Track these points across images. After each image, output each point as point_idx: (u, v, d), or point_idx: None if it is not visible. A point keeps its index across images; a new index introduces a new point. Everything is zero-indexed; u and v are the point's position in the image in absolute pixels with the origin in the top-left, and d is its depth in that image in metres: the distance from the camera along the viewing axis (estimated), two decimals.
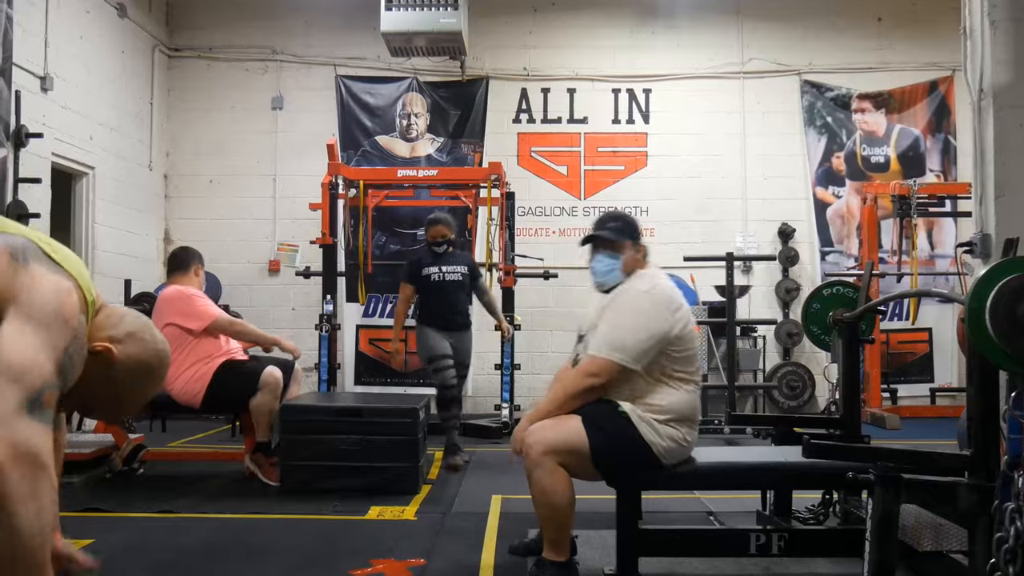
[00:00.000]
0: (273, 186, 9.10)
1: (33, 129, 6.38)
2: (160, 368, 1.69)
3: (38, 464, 1.31)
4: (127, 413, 1.76)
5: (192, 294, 5.13)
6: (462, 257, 6.15)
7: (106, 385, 1.63)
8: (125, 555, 3.67)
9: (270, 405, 4.94)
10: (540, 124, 9.26)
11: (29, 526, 1.28)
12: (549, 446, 3.01)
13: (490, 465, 5.87)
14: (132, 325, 1.65)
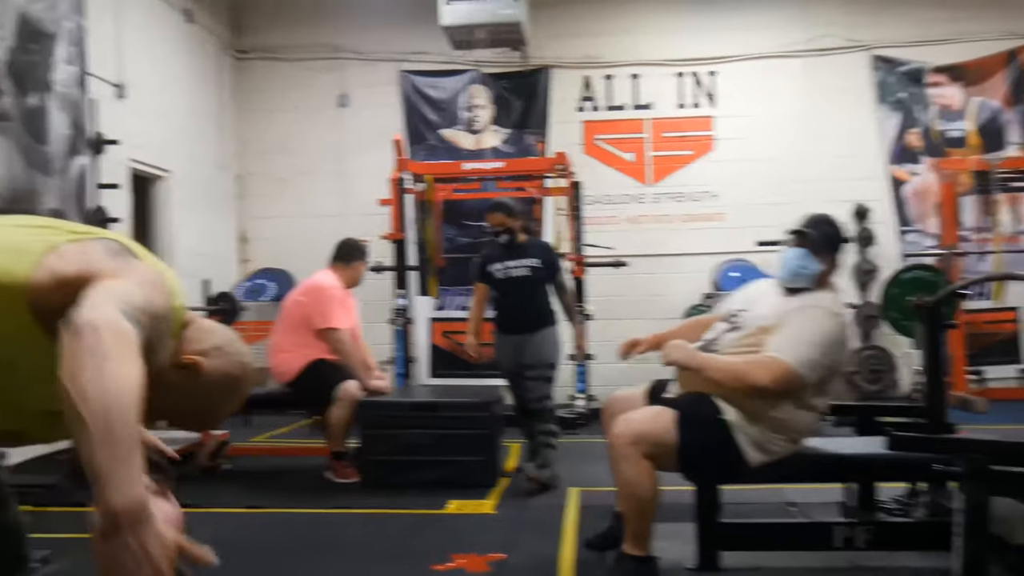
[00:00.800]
0: (342, 183, 9.21)
1: (110, 136, 6.56)
2: (245, 379, 1.72)
3: (129, 339, 1.26)
4: (214, 423, 1.80)
5: (333, 296, 5.34)
6: (534, 248, 5.21)
7: (193, 397, 1.66)
8: (215, 550, 3.77)
9: (344, 419, 5.05)
10: (604, 111, 9.19)
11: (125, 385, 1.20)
12: (636, 437, 2.98)
13: (567, 457, 5.85)
14: (219, 339, 1.69)
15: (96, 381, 1.18)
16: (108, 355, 1.21)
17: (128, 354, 1.24)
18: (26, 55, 5.36)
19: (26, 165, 5.36)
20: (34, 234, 1.53)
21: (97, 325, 1.23)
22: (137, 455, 1.18)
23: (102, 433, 1.16)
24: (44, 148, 5.57)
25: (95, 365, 1.19)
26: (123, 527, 1.14)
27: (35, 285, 1.43)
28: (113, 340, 1.23)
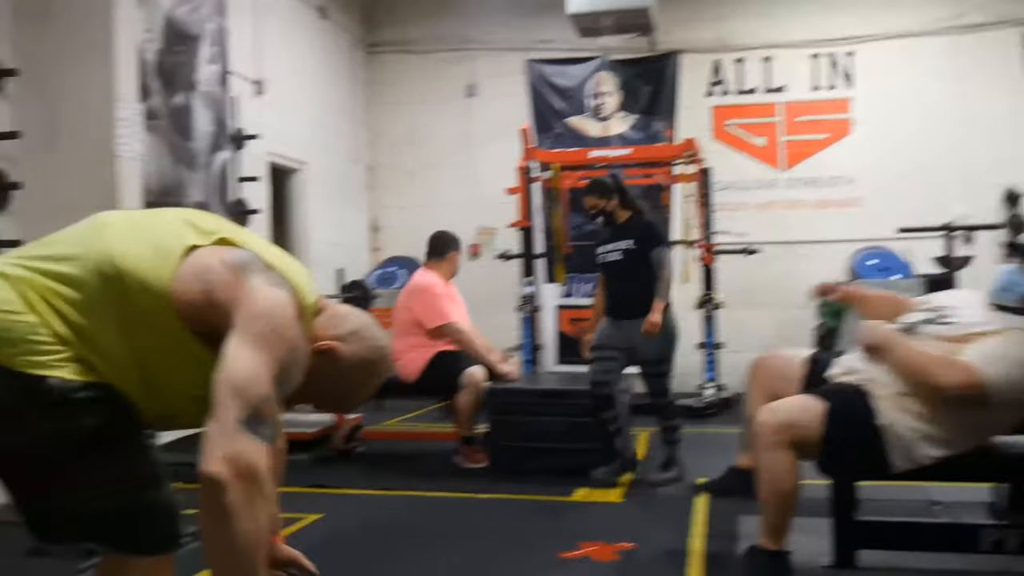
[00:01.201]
0: (470, 172, 9.32)
1: (250, 131, 6.83)
2: (381, 363, 1.77)
3: (255, 479, 1.41)
4: (353, 406, 1.87)
5: (438, 293, 5.43)
6: (632, 228, 4.82)
7: (332, 381, 1.73)
8: (351, 530, 3.90)
9: (471, 404, 5.12)
10: (735, 96, 8.97)
11: (245, 538, 1.40)
12: (782, 427, 2.88)
13: (695, 447, 5.77)
14: (354, 324, 1.74)
15: (224, 545, 1.41)
16: (234, 513, 1.39)
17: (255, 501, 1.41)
18: (173, 56, 5.64)
19: (174, 161, 5.65)
20: (179, 232, 1.63)
21: (224, 482, 1.39)
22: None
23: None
24: (190, 144, 5.85)
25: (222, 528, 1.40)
26: None
27: (174, 294, 1.56)
28: (239, 493, 1.39)
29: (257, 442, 1.43)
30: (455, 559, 3.45)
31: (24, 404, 1.50)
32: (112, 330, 1.54)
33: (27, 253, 1.64)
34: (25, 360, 1.49)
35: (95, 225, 1.66)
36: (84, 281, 1.55)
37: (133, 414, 1.61)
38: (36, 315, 1.52)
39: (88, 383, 1.53)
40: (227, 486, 1.38)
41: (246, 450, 1.41)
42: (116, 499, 1.56)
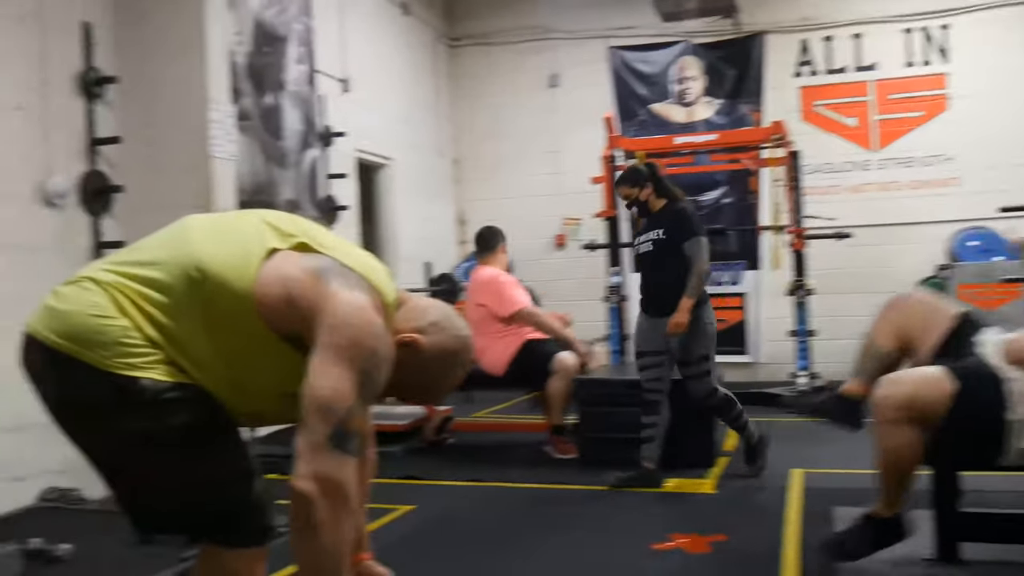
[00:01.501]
0: (554, 162, 9.32)
1: (338, 129, 6.97)
2: (463, 352, 1.79)
3: (341, 496, 1.50)
4: (439, 396, 1.89)
5: (504, 281, 5.47)
6: (664, 217, 4.54)
7: (416, 373, 1.76)
8: (443, 520, 3.96)
9: (563, 390, 5.13)
10: (823, 75, 8.73)
11: (333, 551, 1.50)
12: (906, 402, 2.72)
13: (789, 436, 5.67)
14: (435, 315, 1.77)
15: (312, 557, 1.51)
16: (320, 527, 1.49)
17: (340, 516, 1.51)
18: (262, 58, 5.79)
19: (265, 160, 5.80)
20: (260, 234, 1.69)
21: (311, 498, 1.49)
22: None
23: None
24: (280, 143, 6.00)
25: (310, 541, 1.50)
26: None
27: (255, 296, 1.62)
28: (326, 509, 1.49)
29: (344, 458, 1.51)
30: (545, 550, 3.47)
31: (118, 404, 1.57)
32: (199, 332, 1.60)
33: (117, 259, 1.71)
34: (118, 362, 1.56)
35: (180, 230, 1.73)
36: (171, 285, 1.61)
37: (223, 412, 1.67)
38: (128, 319, 1.58)
39: (178, 383, 1.59)
40: (314, 502, 1.47)
41: (333, 468, 1.49)
42: (209, 494, 1.62)
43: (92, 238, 4.63)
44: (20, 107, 4.29)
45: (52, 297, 1.65)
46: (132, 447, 1.60)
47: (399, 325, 1.74)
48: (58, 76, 4.50)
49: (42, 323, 1.61)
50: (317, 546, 1.49)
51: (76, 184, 4.57)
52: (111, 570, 3.12)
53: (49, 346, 1.58)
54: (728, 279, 8.49)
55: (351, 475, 1.52)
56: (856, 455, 4.57)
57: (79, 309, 1.59)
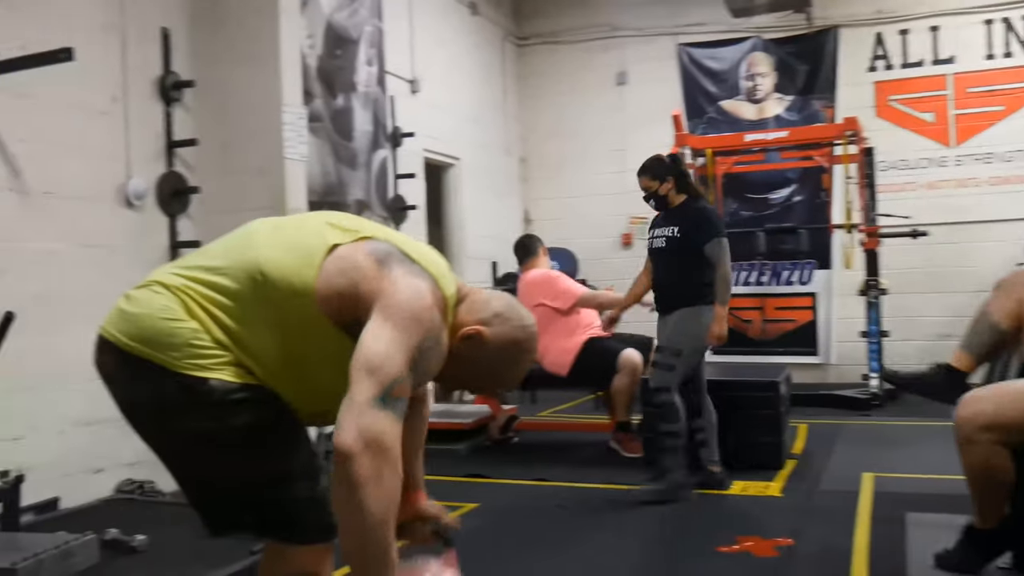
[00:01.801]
0: (622, 161, 9.25)
1: (406, 129, 7.05)
2: (528, 341, 1.80)
3: (384, 451, 1.47)
4: (506, 387, 1.91)
5: (555, 276, 5.53)
6: (682, 215, 4.39)
7: (482, 364, 1.78)
8: (507, 519, 3.98)
9: (628, 387, 5.12)
10: (899, 70, 8.51)
11: (376, 508, 1.45)
12: (990, 424, 2.66)
13: (860, 440, 5.58)
14: (498, 306, 1.78)
15: (354, 514, 1.47)
16: (363, 483, 1.46)
17: (384, 473, 1.48)
18: (333, 60, 5.89)
19: (335, 161, 5.90)
20: (323, 233, 1.72)
21: (353, 453, 1.46)
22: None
23: (358, 563, 1.50)
24: (350, 144, 6.10)
25: (352, 499, 1.46)
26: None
27: (320, 293, 1.64)
28: (369, 464, 1.46)
29: (390, 417, 1.49)
30: (609, 551, 3.47)
31: (187, 404, 1.62)
32: (265, 335, 1.65)
33: (185, 263, 1.77)
34: (188, 363, 1.61)
35: (244, 234, 1.78)
36: (237, 290, 1.66)
37: (289, 412, 1.71)
38: (196, 321, 1.64)
39: (245, 384, 1.64)
40: (356, 457, 1.44)
41: (377, 424, 1.47)
42: (273, 492, 1.67)
43: (169, 238, 4.77)
44: (103, 112, 4.44)
45: (124, 300, 1.71)
46: (200, 446, 1.65)
47: (463, 318, 1.75)
48: (138, 81, 4.65)
49: (114, 325, 1.68)
50: (359, 502, 1.45)
51: (154, 185, 4.71)
52: (184, 561, 3.21)
53: (121, 348, 1.64)
54: (798, 278, 8.36)
55: (396, 435, 1.50)
56: (930, 459, 4.50)
57: (150, 312, 1.65)
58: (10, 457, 3.78)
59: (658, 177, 4.46)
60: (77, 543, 3.15)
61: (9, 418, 3.83)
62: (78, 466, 4.14)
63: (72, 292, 4.15)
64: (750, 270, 8.42)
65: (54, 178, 4.14)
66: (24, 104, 3.99)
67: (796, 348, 8.31)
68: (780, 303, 8.41)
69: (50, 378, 4.02)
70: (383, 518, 1.47)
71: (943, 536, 2.98)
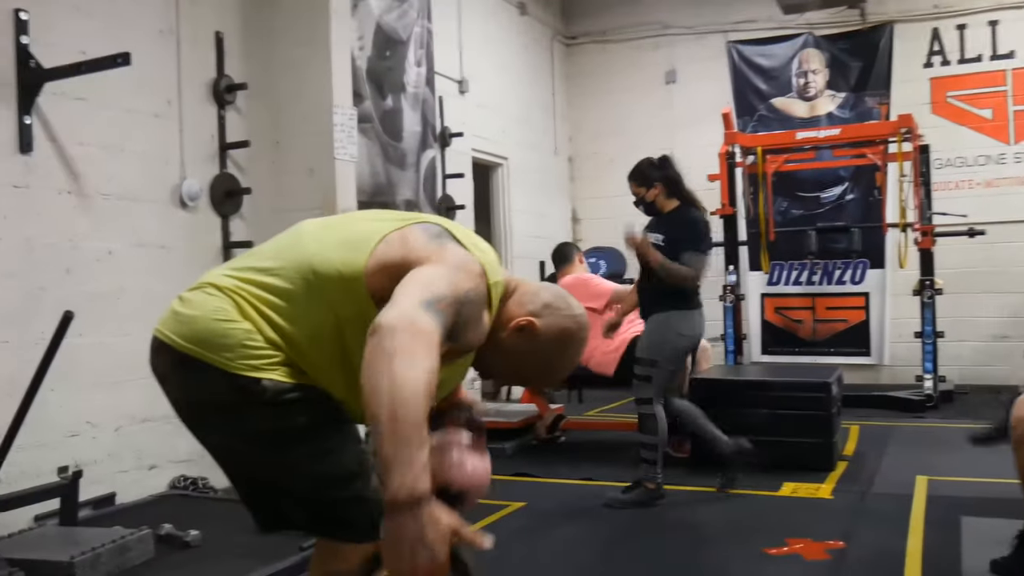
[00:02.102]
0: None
1: (455, 129, 7.08)
2: (580, 331, 1.79)
3: (424, 336, 1.40)
4: (558, 378, 1.89)
5: (587, 278, 5.59)
6: (670, 223, 4.28)
7: (534, 355, 1.77)
8: (554, 518, 3.98)
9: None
10: (956, 65, 8.33)
11: (409, 379, 1.34)
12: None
13: (914, 442, 5.48)
14: (548, 297, 1.78)
15: (386, 380, 1.33)
16: (400, 353, 1.35)
17: (420, 351, 1.37)
18: (382, 61, 5.94)
19: (385, 161, 5.95)
20: (372, 226, 1.73)
21: (395, 326, 1.38)
22: (419, 450, 1.32)
23: (389, 429, 1.32)
24: (399, 145, 6.14)
25: (387, 365, 1.35)
26: (403, 511, 1.30)
27: (368, 272, 1.64)
28: (408, 339, 1.37)
29: (432, 318, 1.43)
30: (656, 551, 3.46)
31: (240, 404, 1.64)
32: (318, 333, 1.67)
33: (237, 264, 1.79)
34: (242, 363, 1.63)
35: (295, 235, 1.80)
36: (289, 289, 1.67)
37: (340, 412, 1.73)
38: (249, 322, 1.66)
39: (298, 384, 1.66)
40: (396, 330, 1.38)
41: (420, 317, 1.42)
42: (325, 492, 1.69)
43: (221, 238, 4.85)
44: (158, 115, 4.53)
45: (177, 303, 1.74)
46: (252, 446, 1.67)
47: (512, 311, 1.75)
48: (193, 85, 4.73)
49: (168, 327, 1.70)
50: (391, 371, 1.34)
51: (208, 186, 4.79)
52: (237, 557, 3.27)
53: (176, 349, 1.67)
54: (850, 278, 8.23)
55: (436, 333, 1.43)
56: (986, 463, 4.39)
57: (204, 314, 1.67)
58: (69, 453, 3.89)
59: (645, 183, 4.35)
60: (133, 538, 3.22)
61: (67, 415, 3.93)
62: (133, 462, 4.24)
63: (128, 291, 4.25)
64: (801, 269, 8.31)
65: (111, 180, 4.24)
66: (83, 108, 4.09)
67: (848, 348, 8.18)
68: (832, 303, 8.28)
69: (106, 376, 4.12)
70: (418, 390, 1.34)
71: (999, 541, 2.92)
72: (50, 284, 3.89)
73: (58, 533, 3.38)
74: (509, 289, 1.77)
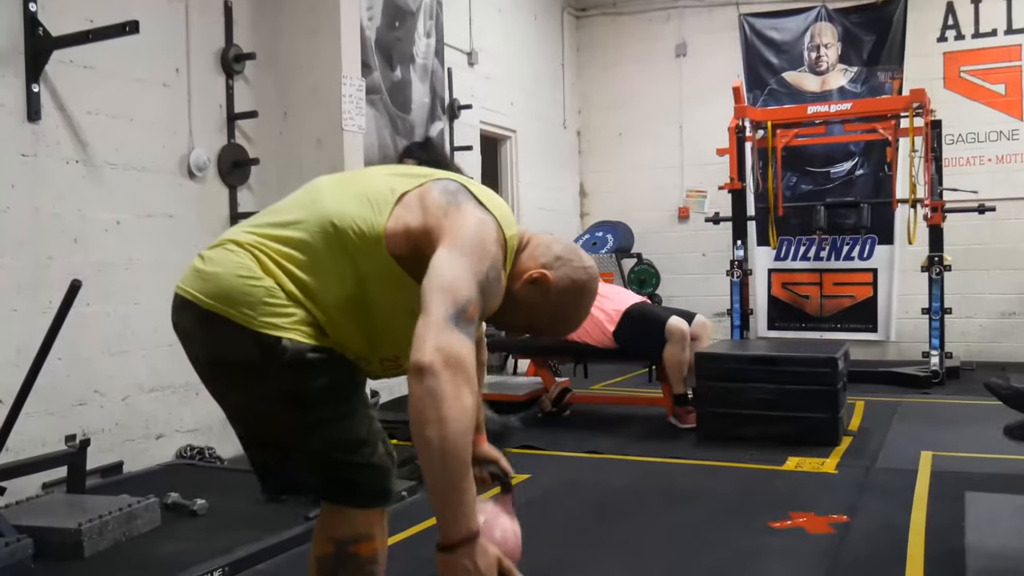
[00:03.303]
0: (679, 134, 9.17)
1: (464, 101, 7.05)
2: (591, 282, 1.83)
3: (463, 369, 1.47)
4: (570, 329, 1.92)
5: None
6: None
7: (547, 307, 1.81)
8: (560, 491, 4.00)
9: (679, 356, 5.06)
10: (970, 40, 8.24)
11: (457, 422, 1.43)
12: None
13: (919, 418, 5.48)
14: (559, 250, 1.81)
15: (435, 429, 1.43)
16: (443, 397, 1.44)
17: (462, 387, 1.46)
18: (391, 32, 5.90)
19: (393, 132, 5.93)
20: (389, 182, 1.75)
21: (435, 368, 1.45)
22: (468, 492, 1.48)
23: (441, 479, 1.45)
24: (408, 117, 6.12)
25: (434, 412, 1.44)
26: (458, 550, 1.47)
27: (389, 234, 1.67)
28: (449, 378, 1.45)
29: (464, 337, 1.50)
30: (661, 524, 3.48)
31: (261, 363, 1.65)
32: (337, 285, 1.68)
33: (256, 221, 1.80)
34: (264, 321, 1.64)
35: (312, 189, 1.82)
36: (309, 242, 1.69)
37: (356, 375, 1.75)
38: (271, 278, 1.67)
39: (317, 346, 1.67)
40: (437, 373, 1.44)
41: (454, 342, 1.47)
42: (337, 455, 1.70)
43: (229, 208, 4.85)
44: (166, 84, 4.52)
45: (199, 260, 1.76)
46: (269, 405, 1.69)
47: (525, 264, 1.78)
48: (201, 54, 4.72)
49: (191, 284, 1.72)
50: (440, 418, 1.42)
51: (215, 156, 4.79)
52: (242, 526, 3.30)
53: (199, 306, 1.69)
54: (858, 253, 8.20)
55: (471, 354, 1.50)
56: (991, 439, 4.39)
57: (226, 271, 1.68)
58: (76, 422, 3.92)
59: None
60: (140, 506, 3.25)
61: (75, 384, 3.95)
62: (141, 432, 4.27)
63: (135, 262, 4.26)
64: (809, 245, 8.28)
65: (119, 149, 4.23)
66: (91, 77, 4.08)
67: (855, 324, 8.18)
68: (839, 278, 8.26)
69: (114, 346, 4.14)
70: (464, 433, 1.44)
71: (1003, 516, 2.93)
72: (58, 254, 3.90)
73: (65, 500, 3.41)
74: (522, 242, 1.81)
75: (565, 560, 3.05)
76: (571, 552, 3.14)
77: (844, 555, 3.03)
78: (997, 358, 7.80)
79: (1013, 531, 3.10)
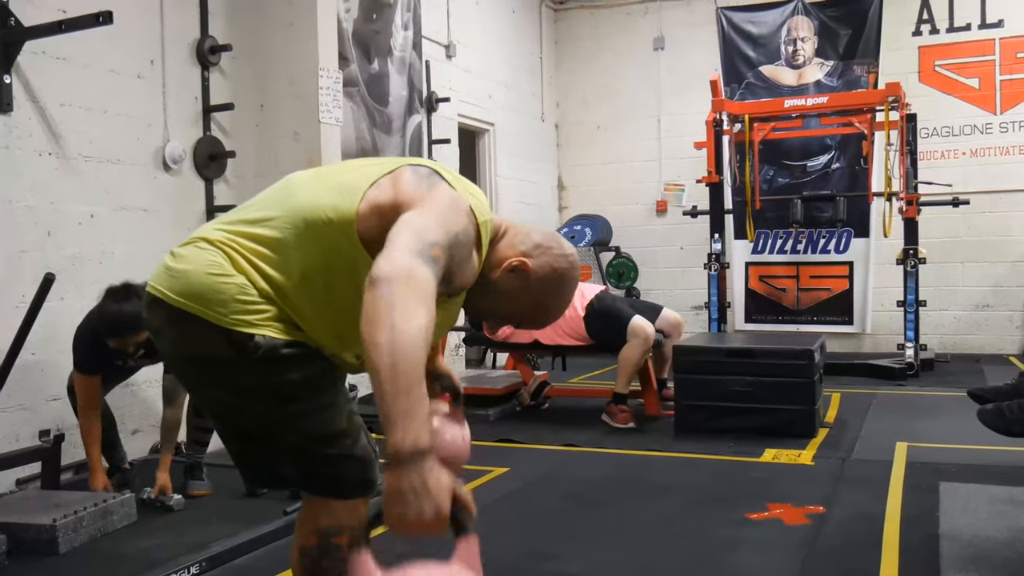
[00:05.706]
0: (657, 127, 9.19)
1: (441, 94, 7.02)
2: (571, 270, 1.80)
3: (421, 287, 1.39)
4: (551, 318, 1.89)
5: None
6: None
7: (528, 295, 1.78)
8: (538, 484, 4.01)
9: (634, 358, 5.05)
10: (945, 34, 8.32)
11: (410, 331, 1.34)
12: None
13: (894, 409, 5.54)
14: (538, 238, 1.79)
15: (386, 333, 1.34)
16: (398, 305, 1.35)
17: (418, 303, 1.38)
18: (368, 24, 5.87)
19: (370, 125, 5.90)
20: (363, 171, 1.73)
21: (392, 278, 1.38)
22: (420, 403, 1.33)
23: (390, 383, 1.32)
24: (385, 110, 6.09)
25: (386, 317, 1.35)
26: (406, 463, 1.31)
27: (360, 216, 1.63)
28: (405, 291, 1.37)
29: (426, 268, 1.43)
30: (639, 516, 3.49)
31: (234, 360, 1.64)
32: (307, 282, 1.66)
33: (228, 219, 1.78)
34: (235, 319, 1.63)
35: (284, 186, 1.80)
36: (281, 239, 1.67)
37: (332, 370, 1.74)
38: (243, 275, 1.66)
39: (291, 341, 1.66)
40: (393, 282, 1.38)
41: (415, 265, 1.42)
42: (316, 447, 1.69)
43: (205, 201, 4.82)
44: (141, 76, 4.47)
45: (170, 258, 1.74)
46: (245, 401, 1.67)
47: (504, 252, 1.75)
48: (176, 46, 4.68)
49: (161, 282, 1.70)
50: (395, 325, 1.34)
51: (191, 149, 4.75)
52: (220, 520, 3.28)
53: (170, 304, 1.67)
54: (834, 247, 8.25)
55: (433, 284, 1.43)
56: (965, 429, 4.45)
57: (197, 268, 1.67)
58: (50, 417, 3.88)
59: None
60: (115, 501, 3.23)
61: (49, 379, 3.91)
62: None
63: (110, 255, 4.22)
64: (786, 238, 8.32)
65: (93, 142, 4.19)
66: (64, 68, 4.04)
67: (831, 317, 8.23)
68: (816, 271, 8.31)
69: None
70: (416, 344, 1.35)
71: (976, 505, 2.95)
72: (31, 247, 3.86)
73: (40, 496, 3.38)
74: (500, 231, 1.78)
75: (543, 552, 3.05)
76: (549, 544, 3.15)
77: (821, 545, 3.06)
78: (971, 350, 7.89)
79: (986, 519, 3.13)
